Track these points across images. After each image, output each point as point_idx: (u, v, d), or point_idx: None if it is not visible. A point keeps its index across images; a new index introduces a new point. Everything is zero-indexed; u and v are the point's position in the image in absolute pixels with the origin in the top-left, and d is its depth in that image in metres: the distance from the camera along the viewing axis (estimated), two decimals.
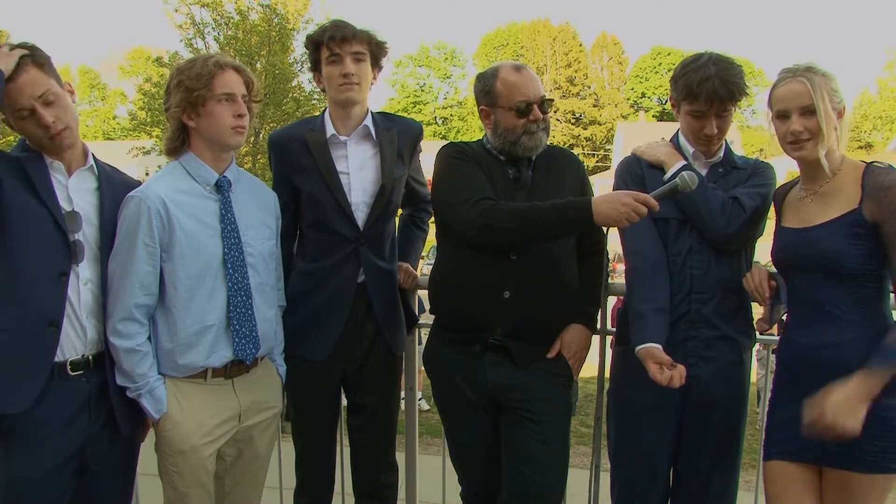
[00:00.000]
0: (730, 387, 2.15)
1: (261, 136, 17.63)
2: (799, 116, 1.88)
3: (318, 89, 2.44)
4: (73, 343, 1.94)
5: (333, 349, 2.39)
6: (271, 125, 17.56)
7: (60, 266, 1.90)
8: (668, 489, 2.26)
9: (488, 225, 2.12)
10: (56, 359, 1.90)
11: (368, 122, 2.41)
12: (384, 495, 2.58)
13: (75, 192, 1.97)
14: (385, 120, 2.47)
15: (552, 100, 2.28)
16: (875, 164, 1.89)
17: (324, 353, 2.38)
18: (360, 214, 2.37)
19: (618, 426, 2.28)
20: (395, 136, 2.42)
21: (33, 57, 1.88)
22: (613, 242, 2.28)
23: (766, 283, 2.04)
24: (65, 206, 1.94)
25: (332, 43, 2.31)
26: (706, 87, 2.02)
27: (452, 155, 2.29)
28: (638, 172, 2.20)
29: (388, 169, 2.39)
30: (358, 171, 2.38)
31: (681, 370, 1.97)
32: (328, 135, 2.39)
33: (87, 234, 1.97)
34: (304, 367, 2.40)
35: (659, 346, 2.04)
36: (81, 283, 1.95)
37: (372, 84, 2.43)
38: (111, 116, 51.43)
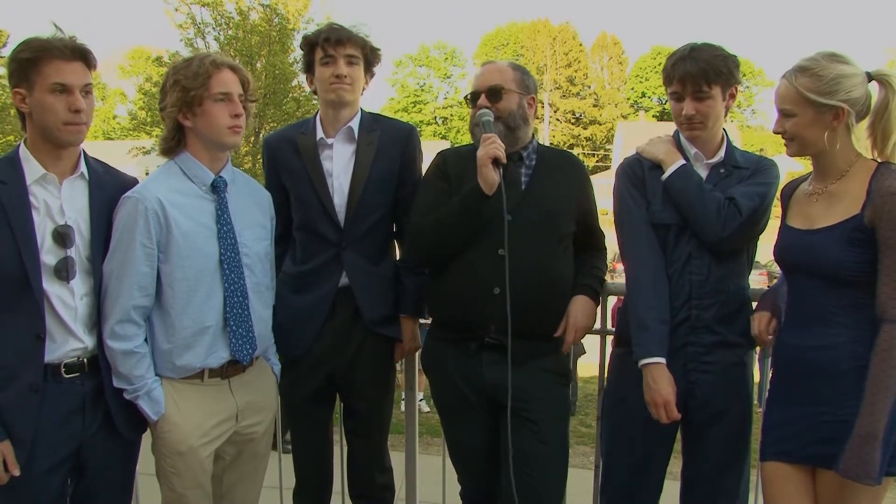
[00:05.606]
0: (731, 390, 2.13)
1: (260, 135, 17.56)
2: (779, 116, 1.91)
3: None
4: (69, 351, 1.92)
5: (315, 351, 2.40)
6: (271, 125, 17.52)
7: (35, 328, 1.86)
8: (661, 490, 2.26)
9: (414, 236, 2.27)
10: (50, 360, 1.89)
11: (354, 123, 2.42)
12: (379, 496, 2.59)
13: (67, 203, 1.94)
14: (371, 121, 2.47)
15: (502, 88, 2.24)
16: (888, 165, 1.84)
17: (294, 352, 2.40)
18: (342, 215, 2.39)
19: (613, 425, 2.27)
20: (377, 137, 2.43)
21: (88, 54, 1.91)
22: (614, 242, 2.27)
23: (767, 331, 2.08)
24: (57, 219, 1.91)
25: (327, 45, 2.32)
26: (679, 68, 2.04)
27: (431, 167, 2.38)
28: (639, 174, 2.18)
29: (361, 169, 2.39)
30: (342, 173, 2.40)
31: (673, 417, 2.04)
32: (317, 137, 2.41)
33: (78, 247, 1.94)
34: (287, 367, 2.42)
35: (663, 361, 2.04)
36: (77, 298, 1.93)
37: (363, 89, 2.44)
38: (111, 116, 51.34)
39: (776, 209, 2.11)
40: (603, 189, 2.64)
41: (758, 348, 2.25)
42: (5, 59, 1.95)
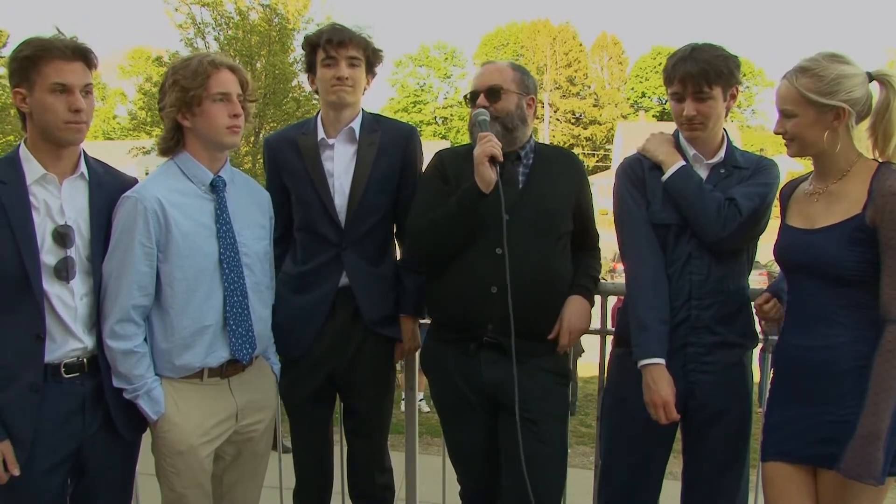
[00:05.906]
0: (731, 391, 2.13)
1: (261, 135, 17.55)
2: (780, 117, 1.91)
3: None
4: (69, 351, 1.92)
5: (315, 351, 2.40)
6: (271, 125, 17.52)
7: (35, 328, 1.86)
8: (660, 490, 2.26)
9: (413, 236, 2.28)
10: (50, 360, 1.89)
11: (355, 124, 2.42)
12: (378, 496, 2.59)
13: (67, 203, 1.94)
14: (373, 122, 2.47)
15: (501, 88, 2.23)
16: (889, 165, 1.84)
17: (294, 352, 2.40)
18: (342, 216, 2.39)
19: (613, 425, 2.27)
20: (378, 138, 2.43)
21: (88, 54, 1.91)
22: (614, 242, 2.27)
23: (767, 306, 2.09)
24: (57, 219, 1.91)
25: (329, 46, 2.32)
26: (679, 69, 2.03)
27: (428, 167, 2.38)
28: (639, 174, 2.18)
29: (362, 170, 2.39)
30: (343, 174, 2.40)
31: (672, 418, 2.03)
32: (318, 138, 2.42)
33: (78, 247, 1.95)
34: (287, 367, 2.42)
35: (663, 362, 2.04)
36: (77, 298, 1.94)
37: (365, 90, 2.44)
38: (111, 116, 51.31)
39: (776, 209, 2.11)
40: (603, 189, 2.64)
41: (759, 346, 2.25)
42: (5, 58, 1.95)
